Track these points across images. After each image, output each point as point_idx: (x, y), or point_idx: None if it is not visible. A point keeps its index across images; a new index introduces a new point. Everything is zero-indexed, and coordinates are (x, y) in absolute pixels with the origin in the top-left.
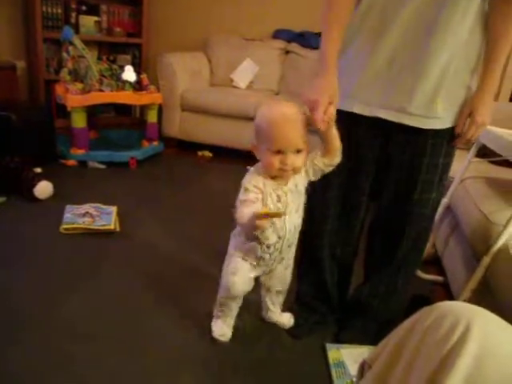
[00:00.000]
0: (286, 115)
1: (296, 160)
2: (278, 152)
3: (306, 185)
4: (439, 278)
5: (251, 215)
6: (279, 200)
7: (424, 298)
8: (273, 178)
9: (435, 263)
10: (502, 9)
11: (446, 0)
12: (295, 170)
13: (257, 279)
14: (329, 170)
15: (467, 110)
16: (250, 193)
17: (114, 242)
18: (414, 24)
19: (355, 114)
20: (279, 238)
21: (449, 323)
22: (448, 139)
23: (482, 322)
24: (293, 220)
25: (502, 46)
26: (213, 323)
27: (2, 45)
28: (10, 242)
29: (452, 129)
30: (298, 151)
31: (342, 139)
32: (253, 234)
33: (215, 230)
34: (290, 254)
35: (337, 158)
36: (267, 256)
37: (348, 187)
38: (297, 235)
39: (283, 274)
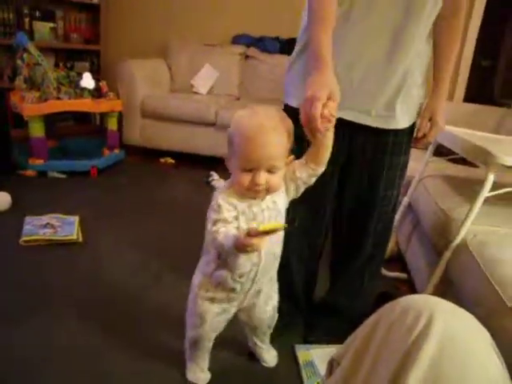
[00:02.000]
0: (264, 128)
1: (271, 179)
2: (249, 170)
3: (287, 205)
4: (403, 275)
5: (240, 234)
6: (254, 218)
7: (389, 295)
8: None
9: (398, 261)
10: (450, 21)
11: (413, 8)
12: (270, 190)
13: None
14: (312, 181)
15: (427, 115)
16: (224, 211)
17: (77, 253)
18: (380, 29)
19: None
20: (253, 265)
21: (412, 316)
22: (406, 138)
23: (445, 313)
24: (270, 244)
25: (449, 56)
26: (187, 365)
27: None
28: None
29: (409, 128)
30: (274, 169)
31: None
32: (231, 257)
33: (179, 238)
34: (271, 287)
35: (323, 167)
36: (238, 286)
37: (313, 191)
38: (276, 265)
39: (264, 310)
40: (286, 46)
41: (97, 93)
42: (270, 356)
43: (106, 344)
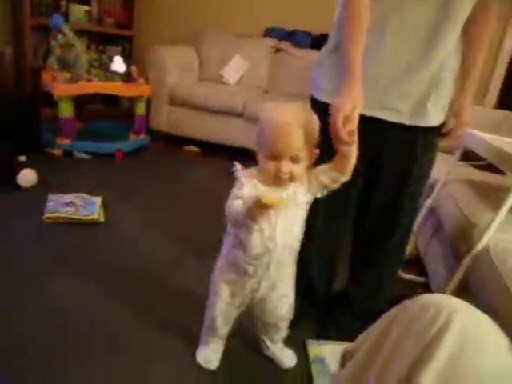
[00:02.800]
0: (287, 119)
1: (293, 168)
2: (275, 158)
3: (310, 200)
4: (420, 279)
5: (252, 200)
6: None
7: (405, 297)
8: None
9: (416, 264)
10: (480, 16)
11: (450, 11)
12: (292, 178)
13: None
14: (334, 187)
15: (455, 111)
16: (245, 189)
17: (97, 233)
18: (415, 32)
19: None
20: (267, 250)
21: (432, 313)
22: (436, 136)
23: (465, 312)
24: (286, 233)
25: (478, 51)
26: (199, 347)
27: None
28: None
29: (439, 126)
30: (297, 159)
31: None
32: (245, 225)
33: (200, 224)
34: (285, 282)
35: (345, 177)
36: (250, 269)
37: (339, 188)
38: (291, 257)
39: (276, 305)
40: (318, 42)
41: (127, 77)
42: (284, 357)
43: (124, 315)
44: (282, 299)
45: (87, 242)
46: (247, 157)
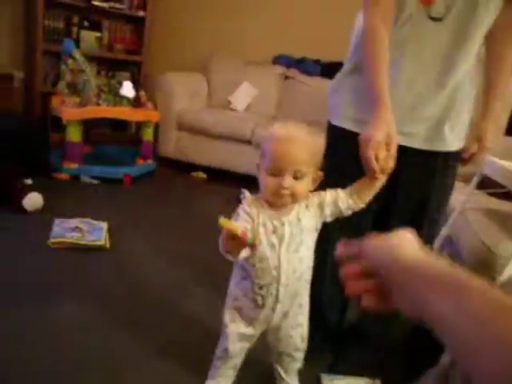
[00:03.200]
0: (291, 134)
1: (296, 185)
2: (275, 174)
3: (319, 225)
4: None
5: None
6: (275, 231)
7: (423, 327)
8: (272, 206)
9: None
10: (504, 31)
11: (467, 35)
12: (294, 198)
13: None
14: (348, 213)
15: (476, 135)
16: (240, 220)
17: (102, 258)
18: (432, 57)
19: None
20: (273, 279)
21: None
22: (455, 161)
23: None
24: (293, 261)
25: (501, 69)
26: (208, 380)
27: (2, 54)
28: None
29: (458, 152)
30: (300, 175)
31: (350, 162)
32: (244, 266)
33: (208, 249)
34: (299, 310)
35: (363, 204)
36: (259, 299)
37: (352, 216)
38: (302, 285)
39: (290, 333)
40: (328, 69)
41: (135, 102)
42: None
43: (128, 343)
44: (296, 328)
45: (92, 266)
46: (255, 184)
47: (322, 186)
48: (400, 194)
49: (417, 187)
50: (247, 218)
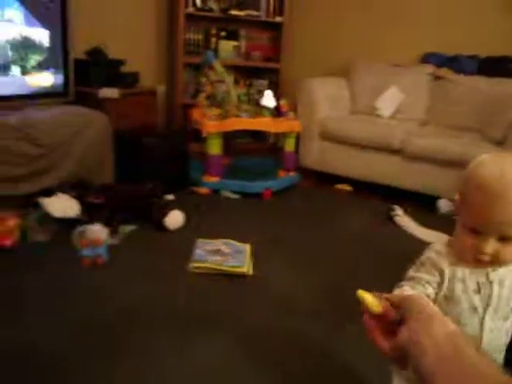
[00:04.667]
0: (507, 181)
1: (502, 249)
2: (477, 232)
3: None
4: None
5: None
6: (479, 291)
7: None
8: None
9: None
10: None
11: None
12: (498, 262)
13: None
14: None
15: None
16: (422, 272)
17: (243, 286)
18: None
19: None
20: None
21: None
22: None
23: None
24: (497, 330)
25: None
26: None
27: (148, 71)
28: (135, 274)
29: None
30: (508, 238)
31: None
32: None
33: (361, 280)
34: None
35: None
36: None
37: None
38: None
39: None
40: (486, 65)
41: (276, 112)
42: None
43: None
44: None
45: (232, 295)
46: (404, 198)
47: None
48: None
49: None
50: (433, 271)
